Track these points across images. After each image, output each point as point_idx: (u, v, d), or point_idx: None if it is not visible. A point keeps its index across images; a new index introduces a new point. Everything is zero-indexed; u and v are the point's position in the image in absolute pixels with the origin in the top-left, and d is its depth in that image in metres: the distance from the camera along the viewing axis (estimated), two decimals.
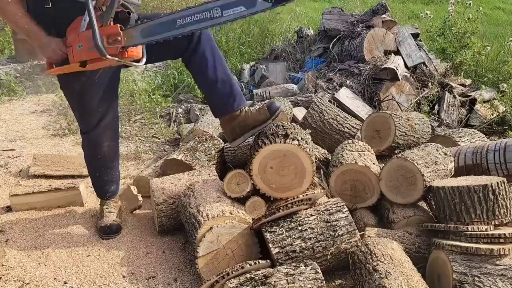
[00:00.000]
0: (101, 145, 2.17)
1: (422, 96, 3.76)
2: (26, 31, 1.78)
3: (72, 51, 1.78)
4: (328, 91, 3.65)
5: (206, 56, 2.00)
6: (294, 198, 2.00)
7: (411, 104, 3.71)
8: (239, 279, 1.66)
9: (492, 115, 3.70)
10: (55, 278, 1.98)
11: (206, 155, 2.67)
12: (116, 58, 1.74)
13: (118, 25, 1.75)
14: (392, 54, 3.89)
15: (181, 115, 3.95)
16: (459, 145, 2.67)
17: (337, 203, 2.00)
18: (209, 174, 2.40)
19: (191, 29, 1.72)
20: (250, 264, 1.73)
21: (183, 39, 1.89)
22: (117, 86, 2.14)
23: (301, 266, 1.69)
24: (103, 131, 2.14)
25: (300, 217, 1.95)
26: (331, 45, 4.36)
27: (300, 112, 3.23)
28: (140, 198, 2.50)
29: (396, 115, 2.75)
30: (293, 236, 1.88)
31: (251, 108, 2.17)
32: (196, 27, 1.71)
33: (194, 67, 2.05)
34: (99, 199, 2.43)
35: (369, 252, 1.74)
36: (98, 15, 1.71)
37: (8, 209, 2.51)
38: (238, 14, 1.65)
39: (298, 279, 1.62)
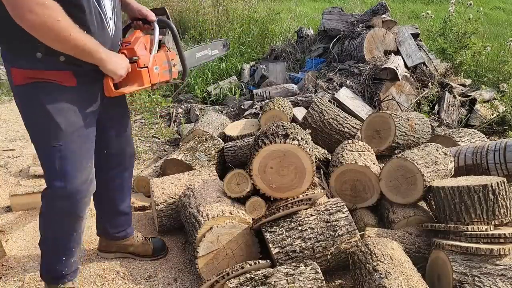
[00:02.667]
0: (82, 216, 1.67)
1: (422, 96, 3.76)
2: (90, 47, 1.41)
3: (148, 72, 1.66)
4: (328, 91, 3.65)
5: (123, 185, 1.96)
6: (294, 198, 2.00)
7: (411, 104, 3.70)
8: (239, 279, 1.66)
9: (492, 115, 3.70)
10: None
11: (206, 155, 2.67)
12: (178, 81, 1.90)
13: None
14: (392, 54, 3.89)
15: (181, 115, 3.95)
16: (459, 145, 2.67)
17: (337, 203, 2.00)
18: (209, 174, 2.40)
19: (203, 61, 2.30)
20: (250, 264, 1.73)
21: (119, 156, 1.88)
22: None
23: (301, 266, 1.69)
24: (89, 195, 1.65)
25: (300, 217, 1.95)
26: (331, 45, 4.36)
27: (300, 112, 3.23)
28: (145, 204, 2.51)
29: (396, 115, 2.75)
30: (293, 236, 1.88)
31: (139, 236, 2.15)
32: (205, 60, 2.32)
33: (107, 187, 1.92)
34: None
35: (369, 252, 1.74)
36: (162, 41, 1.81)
37: (8, 209, 2.51)
38: (218, 54, 2.39)
39: (298, 279, 1.63)
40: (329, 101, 3.27)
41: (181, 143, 3.14)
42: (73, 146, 1.55)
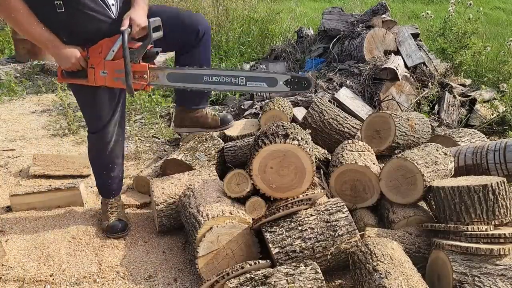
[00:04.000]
0: (109, 142, 2.17)
1: (422, 96, 3.76)
2: (40, 40, 1.79)
3: (94, 74, 1.87)
4: (328, 91, 3.65)
5: (201, 53, 2.09)
6: (294, 198, 2.00)
7: (411, 104, 3.70)
8: (239, 279, 1.66)
9: (492, 115, 3.70)
10: (54, 278, 1.99)
11: (206, 155, 2.67)
12: (138, 91, 1.96)
13: (147, 64, 1.87)
14: (392, 54, 3.88)
15: None
16: (459, 145, 2.67)
17: (337, 203, 2.00)
18: (209, 174, 2.40)
19: (214, 87, 1.90)
20: (250, 264, 1.73)
21: (192, 36, 2.01)
22: None
23: (301, 266, 1.69)
24: (112, 128, 2.15)
25: (300, 217, 1.95)
26: (331, 45, 4.36)
27: (300, 112, 3.23)
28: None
29: (396, 115, 2.75)
30: (293, 236, 1.88)
31: (209, 111, 2.32)
32: (219, 87, 1.90)
33: (187, 59, 2.08)
34: (101, 199, 2.42)
35: (369, 252, 1.74)
36: (130, 52, 1.79)
37: (8, 209, 2.51)
38: (260, 88, 1.88)
39: (298, 279, 1.63)
40: (329, 101, 3.27)
41: (181, 143, 3.14)
42: (93, 106, 2.06)
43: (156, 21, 1.82)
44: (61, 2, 1.71)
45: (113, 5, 1.86)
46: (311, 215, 1.95)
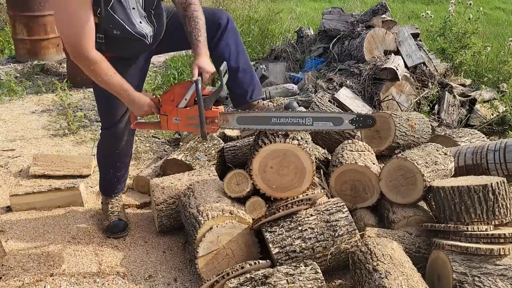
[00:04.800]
0: (121, 139, 2.19)
1: (422, 96, 3.76)
2: (115, 89, 1.84)
3: (167, 121, 1.94)
4: (328, 91, 3.65)
5: (230, 45, 2.09)
6: (294, 198, 2.00)
7: (411, 104, 3.70)
8: (239, 279, 1.66)
9: (492, 115, 3.70)
10: (54, 278, 1.99)
11: (206, 155, 2.67)
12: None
13: (218, 109, 1.92)
14: (392, 54, 3.88)
15: None
16: (459, 145, 2.67)
17: (337, 203, 2.00)
18: (209, 174, 2.40)
19: (281, 128, 1.96)
20: (250, 264, 1.73)
21: (213, 28, 2.02)
22: (144, 79, 2.21)
23: (301, 266, 1.69)
24: (125, 125, 2.16)
25: (300, 217, 1.95)
26: (331, 45, 4.36)
27: None
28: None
29: (396, 115, 2.75)
30: (293, 236, 1.88)
31: (268, 102, 2.20)
32: (286, 127, 1.96)
33: (218, 55, 2.10)
34: (102, 198, 2.42)
35: (369, 252, 1.74)
36: (202, 99, 1.84)
37: (8, 209, 2.51)
38: (326, 127, 1.96)
39: (298, 279, 1.63)
40: (329, 101, 3.27)
41: (181, 143, 3.14)
42: (107, 101, 2.05)
43: (225, 67, 1.91)
44: (102, 35, 1.79)
45: (149, 35, 1.90)
46: (311, 215, 1.95)
